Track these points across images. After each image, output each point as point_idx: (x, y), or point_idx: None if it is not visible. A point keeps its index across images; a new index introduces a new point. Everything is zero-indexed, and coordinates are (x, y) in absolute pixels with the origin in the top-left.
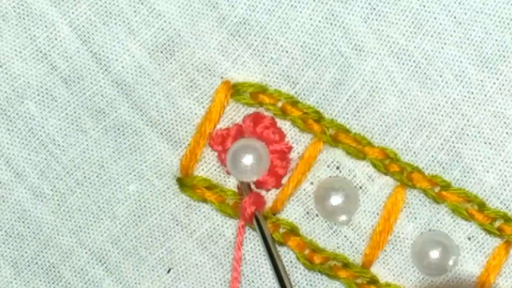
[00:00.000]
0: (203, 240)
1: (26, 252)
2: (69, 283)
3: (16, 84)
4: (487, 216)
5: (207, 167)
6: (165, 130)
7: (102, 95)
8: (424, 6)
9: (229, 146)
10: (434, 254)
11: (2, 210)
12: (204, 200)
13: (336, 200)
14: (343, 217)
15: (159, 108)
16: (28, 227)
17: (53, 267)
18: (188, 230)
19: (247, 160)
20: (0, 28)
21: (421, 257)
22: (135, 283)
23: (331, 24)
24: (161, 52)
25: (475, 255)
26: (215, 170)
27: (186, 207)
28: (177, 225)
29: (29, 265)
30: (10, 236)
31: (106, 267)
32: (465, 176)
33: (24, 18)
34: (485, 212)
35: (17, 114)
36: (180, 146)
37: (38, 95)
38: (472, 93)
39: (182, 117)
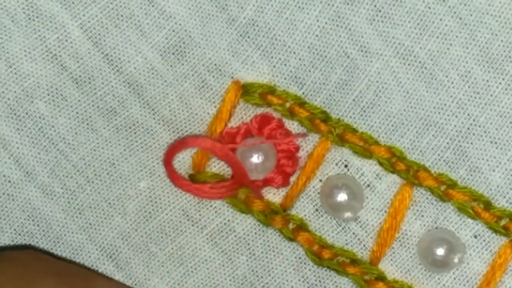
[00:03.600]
0: (213, 236)
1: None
2: None
3: (25, 84)
4: (493, 214)
5: (219, 164)
6: (177, 128)
7: (113, 95)
8: (429, 7)
9: (238, 143)
10: (440, 251)
11: (12, 209)
12: None
13: (339, 197)
14: (347, 214)
15: (172, 108)
16: (38, 225)
17: None
18: (199, 226)
19: (254, 160)
20: (10, 29)
21: (427, 254)
22: (145, 279)
23: (337, 25)
24: (173, 53)
25: (481, 253)
26: (226, 167)
27: (197, 203)
28: (187, 220)
29: None
30: (20, 234)
31: (116, 263)
32: (471, 175)
33: (34, 20)
34: (491, 211)
35: (26, 113)
36: None
37: (48, 94)
38: (478, 93)
39: (195, 117)
